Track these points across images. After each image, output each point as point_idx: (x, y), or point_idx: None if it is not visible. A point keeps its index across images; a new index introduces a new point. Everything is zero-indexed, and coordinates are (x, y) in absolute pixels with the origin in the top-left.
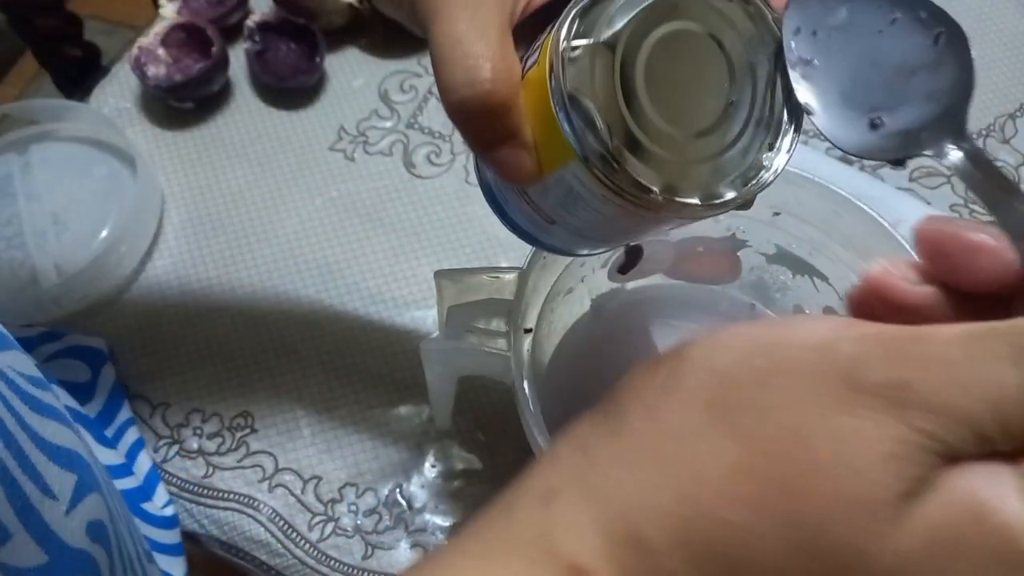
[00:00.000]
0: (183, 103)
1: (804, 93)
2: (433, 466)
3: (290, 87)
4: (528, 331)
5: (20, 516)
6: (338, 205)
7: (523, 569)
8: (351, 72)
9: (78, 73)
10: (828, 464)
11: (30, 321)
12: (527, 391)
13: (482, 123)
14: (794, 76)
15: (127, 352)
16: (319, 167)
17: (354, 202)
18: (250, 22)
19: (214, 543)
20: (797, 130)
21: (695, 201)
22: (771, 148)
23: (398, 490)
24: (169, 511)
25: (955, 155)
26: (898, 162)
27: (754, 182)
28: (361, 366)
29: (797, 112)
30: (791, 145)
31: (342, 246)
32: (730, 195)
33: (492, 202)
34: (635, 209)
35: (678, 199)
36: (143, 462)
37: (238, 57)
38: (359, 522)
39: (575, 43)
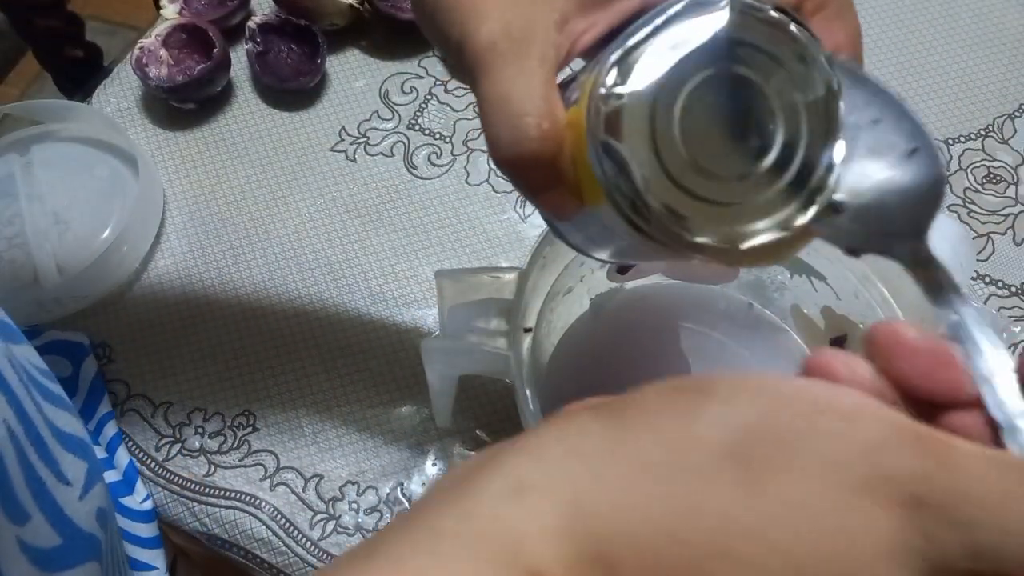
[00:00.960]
0: (185, 104)
1: None
2: (434, 464)
3: (291, 88)
4: (528, 330)
5: (37, 499)
6: (339, 205)
7: (478, 570)
8: (352, 73)
9: (79, 74)
10: (827, 549)
11: (32, 321)
12: (527, 390)
13: (527, 175)
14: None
15: (129, 351)
16: (320, 168)
17: (355, 203)
18: (251, 23)
19: (216, 541)
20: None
21: (728, 247)
22: (816, 192)
23: (399, 488)
24: (148, 505)
25: (910, 256)
26: (852, 251)
27: (794, 225)
28: (362, 365)
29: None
30: (830, 191)
31: (343, 246)
32: (767, 238)
33: (543, 217)
34: (668, 250)
35: (712, 245)
36: (121, 457)
37: (239, 58)
38: (360, 520)
39: (612, 91)
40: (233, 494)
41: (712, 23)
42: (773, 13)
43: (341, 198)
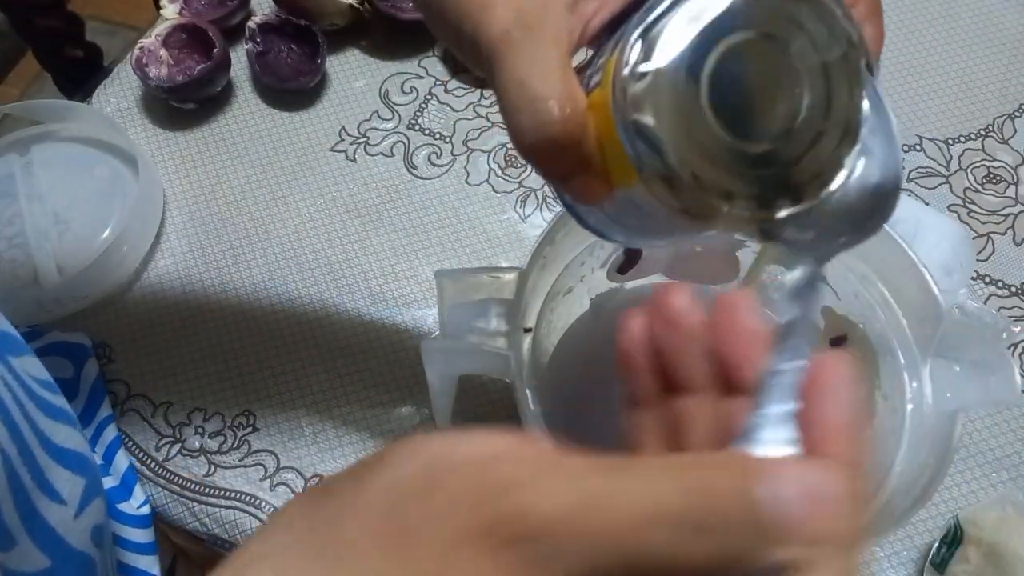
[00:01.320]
0: (184, 104)
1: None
2: None
3: (291, 88)
4: (528, 330)
5: (25, 522)
6: (339, 205)
7: None
8: (352, 73)
9: (79, 74)
10: None
11: (33, 321)
12: (527, 390)
13: (553, 161)
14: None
15: (129, 351)
16: (320, 168)
17: (355, 202)
18: (251, 23)
19: (216, 542)
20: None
21: (766, 214)
22: (848, 150)
23: None
24: (145, 510)
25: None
26: (766, 236)
27: (830, 187)
28: (362, 365)
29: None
30: (858, 153)
31: (343, 246)
32: (802, 205)
33: (562, 202)
34: (706, 223)
35: (748, 213)
36: (120, 462)
37: (239, 58)
38: None
39: (637, 69)
40: (233, 494)
41: None
42: None
43: (341, 198)
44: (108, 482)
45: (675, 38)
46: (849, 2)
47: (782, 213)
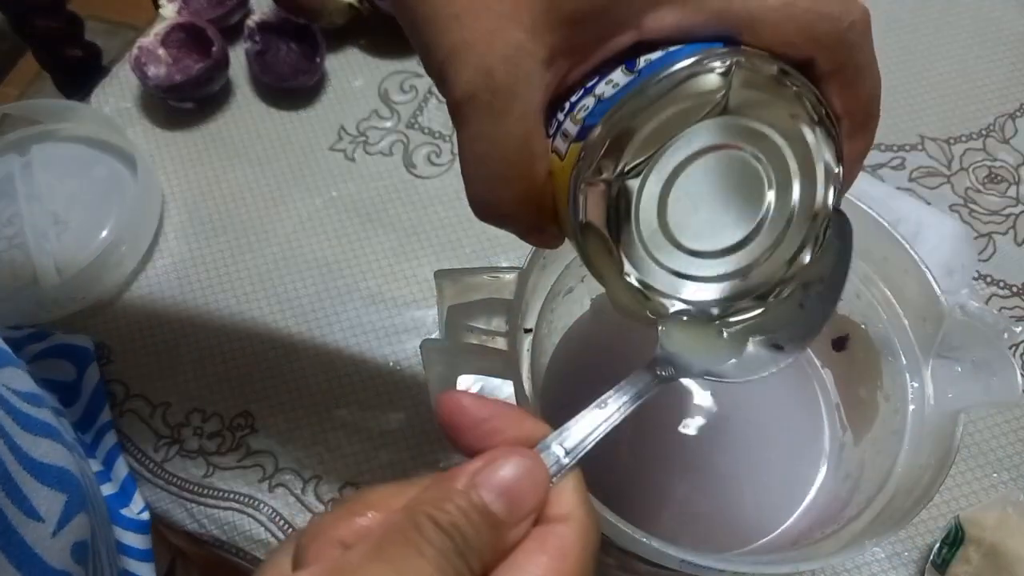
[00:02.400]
0: (183, 103)
1: None
2: (438, 466)
3: (290, 87)
4: (528, 331)
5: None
6: (338, 205)
7: None
8: (351, 72)
9: (78, 73)
10: None
11: (32, 321)
12: (527, 391)
13: (507, 228)
14: None
15: (127, 352)
16: (319, 167)
17: (354, 202)
18: (250, 22)
19: (214, 543)
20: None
21: (710, 314)
22: (801, 254)
23: None
24: (145, 516)
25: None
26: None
27: (777, 294)
28: (361, 366)
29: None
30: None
31: (342, 246)
32: (754, 311)
33: None
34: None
35: (683, 316)
36: (120, 468)
37: (238, 57)
38: None
39: (598, 177)
40: (232, 495)
41: (706, 95)
42: (773, 71)
43: (340, 197)
44: (108, 488)
45: (640, 147)
46: (837, 63)
47: (736, 318)
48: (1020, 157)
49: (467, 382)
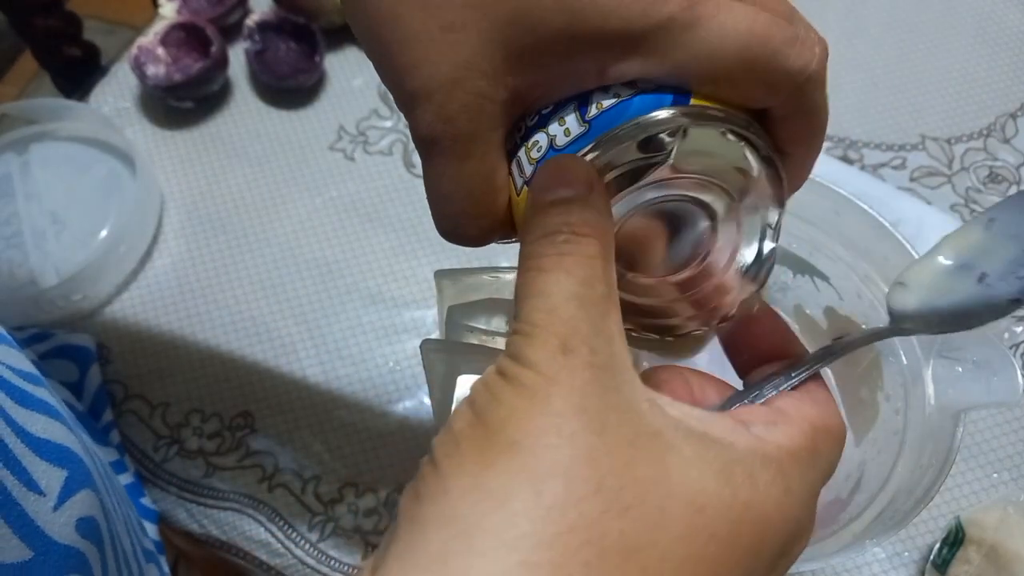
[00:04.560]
0: (182, 103)
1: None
2: None
3: (290, 86)
4: None
5: (1, 510)
6: (338, 205)
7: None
8: (351, 71)
9: (77, 73)
10: None
11: (30, 321)
12: None
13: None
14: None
15: (126, 352)
16: (319, 167)
17: (354, 202)
18: (250, 21)
19: (214, 543)
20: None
21: (655, 337)
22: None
23: (398, 490)
24: (155, 507)
25: None
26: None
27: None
28: (361, 366)
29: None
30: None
31: (342, 246)
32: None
33: None
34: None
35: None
36: (129, 464)
37: (237, 56)
38: (359, 522)
39: None
40: (231, 495)
41: (654, 157)
42: (722, 130)
43: (340, 197)
44: (125, 478)
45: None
46: (792, 107)
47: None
48: (1021, 157)
49: (467, 382)
